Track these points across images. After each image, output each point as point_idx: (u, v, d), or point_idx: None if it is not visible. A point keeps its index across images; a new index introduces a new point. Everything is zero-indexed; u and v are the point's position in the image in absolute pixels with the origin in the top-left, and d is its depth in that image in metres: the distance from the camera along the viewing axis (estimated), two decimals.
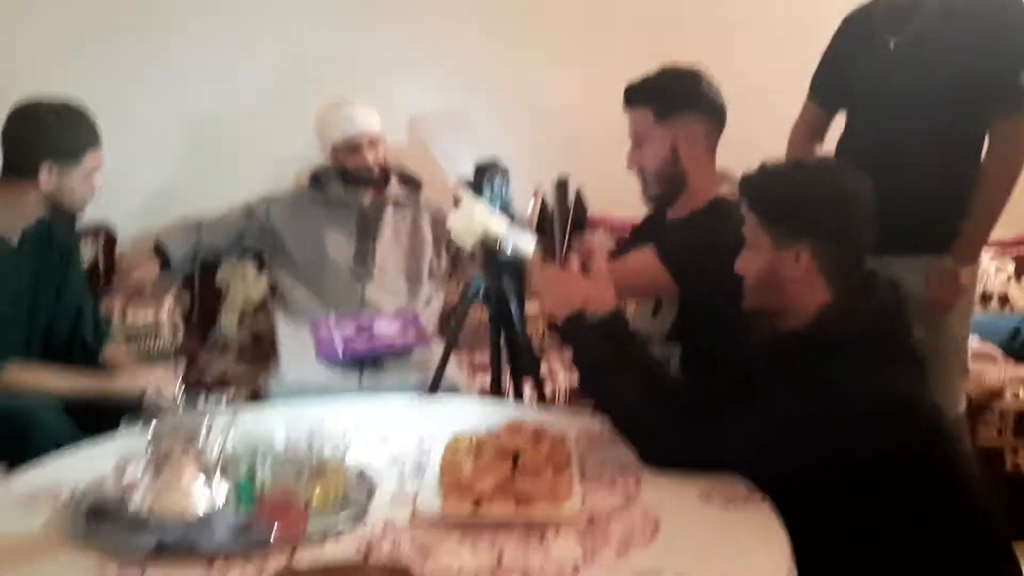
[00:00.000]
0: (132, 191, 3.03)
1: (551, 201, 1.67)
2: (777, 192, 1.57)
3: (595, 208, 2.13)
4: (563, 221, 1.65)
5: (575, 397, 2.53)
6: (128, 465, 1.43)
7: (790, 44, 3.02)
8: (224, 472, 1.44)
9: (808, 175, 1.58)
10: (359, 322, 2.71)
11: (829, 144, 2.39)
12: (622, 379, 1.61)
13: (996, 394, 2.69)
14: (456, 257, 3.05)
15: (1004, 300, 3.22)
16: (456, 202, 1.95)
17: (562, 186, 1.67)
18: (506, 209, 2.14)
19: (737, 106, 2.01)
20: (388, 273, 2.88)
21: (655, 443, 1.54)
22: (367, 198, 2.96)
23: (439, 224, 2.94)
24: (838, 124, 2.36)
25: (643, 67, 2.99)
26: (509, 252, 1.91)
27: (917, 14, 2.08)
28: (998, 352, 2.90)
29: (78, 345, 2.29)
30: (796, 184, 1.56)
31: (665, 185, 1.97)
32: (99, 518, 1.37)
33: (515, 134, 3.24)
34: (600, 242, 1.72)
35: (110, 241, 3.03)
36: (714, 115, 1.95)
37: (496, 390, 2.30)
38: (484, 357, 2.42)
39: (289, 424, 1.56)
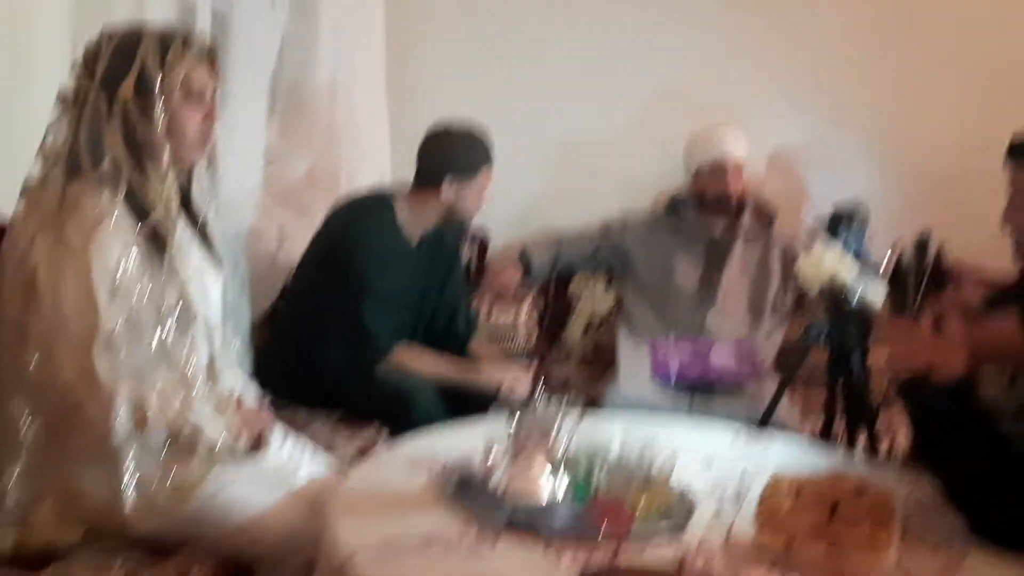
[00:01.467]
0: (505, 203, 3.37)
1: (908, 255, 1.66)
2: None
3: (965, 257, 2.05)
4: (918, 278, 1.64)
5: (909, 458, 2.43)
6: (493, 447, 1.67)
7: None
8: (567, 468, 1.63)
9: None
10: (696, 347, 2.82)
11: None
12: (962, 447, 1.56)
13: None
14: (802, 294, 3.04)
15: None
16: (809, 245, 1.98)
17: (922, 243, 1.66)
18: (860, 256, 2.14)
19: None
20: (731, 303, 2.96)
21: (991, 516, 1.49)
22: (719, 228, 3.05)
23: (788, 259, 2.95)
24: None
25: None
26: (855, 302, 1.91)
27: None
28: None
29: (452, 335, 2.66)
30: None
31: None
32: (465, 488, 1.62)
33: (882, 172, 3.17)
34: (957, 305, 1.66)
35: (484, 246, 3.41)
36: None
37: (826, 436, 2.30)
38: (819, 399, 2.43)
39: (624, 435, 1.73)
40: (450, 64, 3.42)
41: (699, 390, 2.73)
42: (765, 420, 2.39)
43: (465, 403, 2.42)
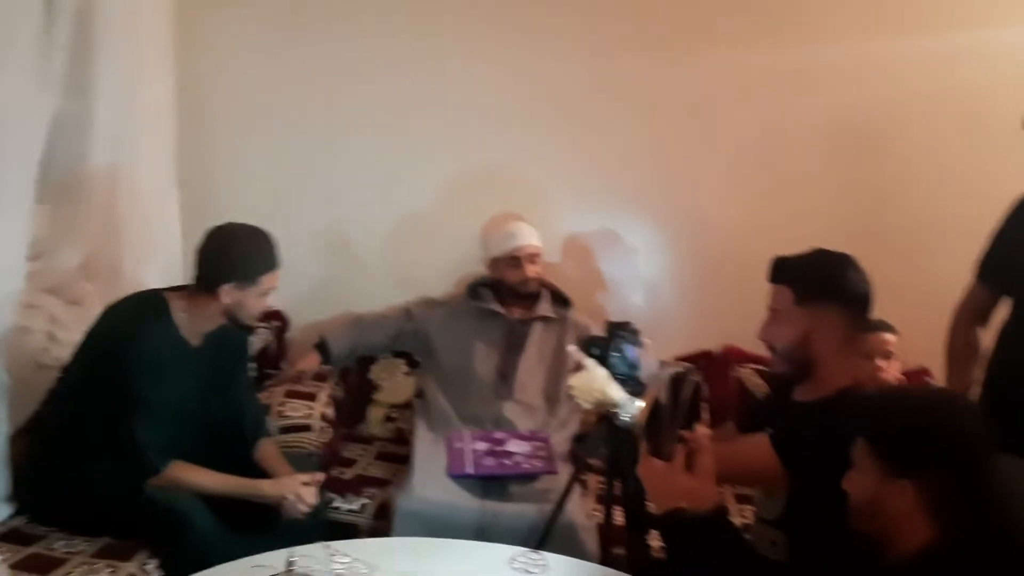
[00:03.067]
0: (305, 285, 3.31)
1: (664, 394, 1.71)
2: (889, 425, 1.53)
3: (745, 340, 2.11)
4: (672, 415, 1.69)
5: None
6: None
7: None
8: None
9: (924, 411, 1.53)
10: (493, 438, 2.83)
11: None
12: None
13: None
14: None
15: None
16: (578, 367, 2.02)
17: (678, 380, 1.71)
18: (633, 371, 2.20)
19: None
20: (528, 391, 2.98)
21: None
22: (518, 313, 3.08)
23: None
24: None
25: (801, 187, 2.99)
26: (623, 421, 1.95)
27: None
28: None
29: (238, 438, 2.54)
30: (910, 419, 1.52)
31: (793, 366, 1.95)
32: None
33: (670, 256, 3.30)
34: (707, 439, 1.72)
35: (283, 326, 3.32)
36: (856, 306, 1.91)
37: (607, 537, 2.34)
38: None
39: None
40: (246, 150, 3.35)
41: (495, 485, 2.72)
42: (554, 517, 2.42)
43: (248, 516, 2.32)
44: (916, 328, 2.84)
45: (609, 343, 2.15)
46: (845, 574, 1.61)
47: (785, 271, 1.96)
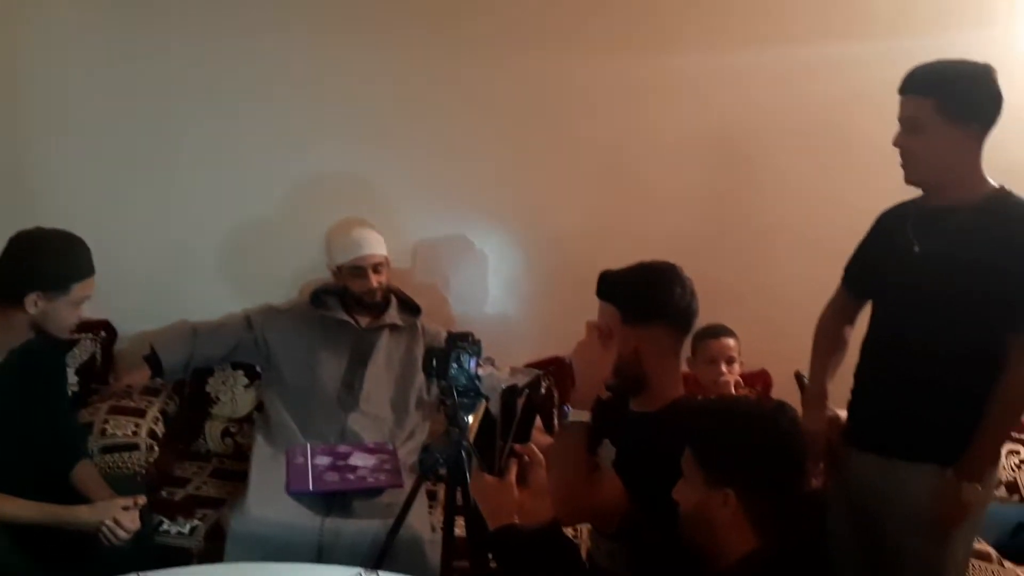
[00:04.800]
0: (134, 293, 3.11)
1: (495, 407, 1.66)
2: (713, 434, 1.55)
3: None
4: (504, 429, 1.64)
5: None
6: None
7: None
8: None
9: (744, 421, 1.55)
10: (336, 452, 2.71)
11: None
12: None
13: None
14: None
15: (1013, 488, 3.08)
16: None
17: (510, 393, 1.66)
18: (473, 383, 2.15)
19: None
20: (375, 402, 2.88)
21: None
22: (365, 321, 2.98)
23: None
24: None
25: (654, 198, 2.98)
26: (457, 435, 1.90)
27: (945, 224, 2.03)
28: (992, 551, 2.76)
29: (53, 461, 2.33)
30: (731, 429, 1.54)
31: (625, 381, 1.95)
32: None
33: (520, 263, 3.28)
34: (540, 454, 1.69)
35: (110, 337, 3.10)
36: (680, 322, 1.94)
37: (449, 550, 2.28)
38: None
39: None
40: (65, 149, 3.14)
41: (337, 501, 2.61)
42: (395, 530, 2.33)
43: (64, 543, 2.13)
44: (757, 331, 2.92)
45: (449, 355, 2.09)
46: None
47: (611, 290, 1.96)
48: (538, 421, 1.84)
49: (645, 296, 1.92)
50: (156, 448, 2.77)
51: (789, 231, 3.17)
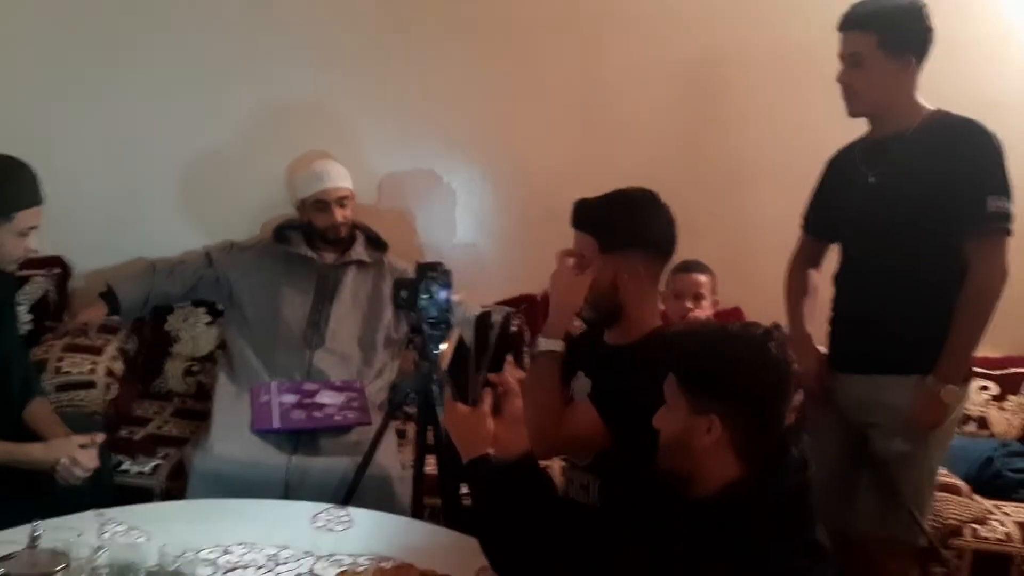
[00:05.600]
0: (89, 229, 2.99)
1: (470, 336, 1.59)
2: (699, 358, 1.49)
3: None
4: (480, 358, 1.58)
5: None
6: None
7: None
8: None
9: (732, 345, 1.49)
10: (302, 390, 2.64)
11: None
12: (519, 530, 1.52)
13: (954, 532, 2.58)
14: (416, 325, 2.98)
15: (983, 423, 3.11)
16: None
17: (483, 320, 1.60)
18: (444, 313, 2.08)
19: None
20: (341, 339, 2.80)
21: None
22: (330, 257, 2.89)
23: None
24: None
25: (625, 132, 2.90)
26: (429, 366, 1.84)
27: (893, 151, 2.16)
28: (962, 484, 2.78)
29: (4, 399, 2.24)
30: (718, 353, 1.48)
31: (602, 313, 1.90)
32: None
33: (490, 199, 3.19)
34: (515, 383, 1.63)
35: (64, 274, 2.98)
36: (658, 249, 1.88)
37: (420, 487, 2.24)
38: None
39: (164, 547, 1.49)
40: (9, 78, 2.97)
41: (303, 436, 2.55)
42: (364, 467, 2.28)
43: (18, 482, 2.04)
44: (732, 269, 2.88)
45: (418, 285, 2.02)
46: (654, 513, 1.56)
47: (587, 218, 1.89)
48: (510, 358, 1.78)
49: (623, 223, 1.85)
50: (114, 387, 2.68)
51: (766, 165, 3.12)
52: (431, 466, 2.29)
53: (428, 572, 1.58)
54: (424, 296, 2.04)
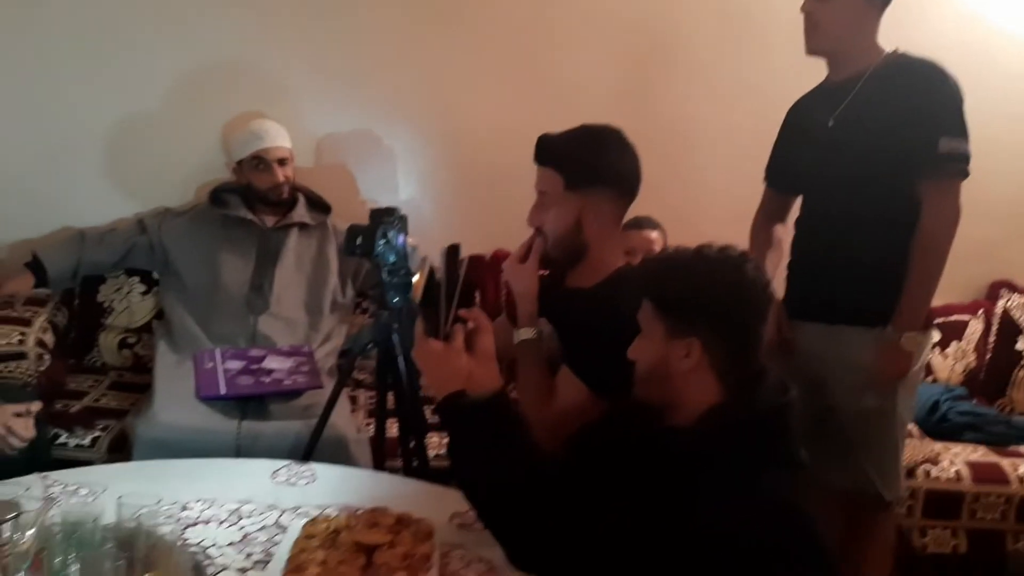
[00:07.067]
0: (8, 196, 2.82)
1: (438, 269, 1.52)
2: (675, 281, 1.46)
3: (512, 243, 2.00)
4: (450, 292, 1.51)
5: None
6: None
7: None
8: (36, 568, 1.27)
9: (709, 267, 1.46)
10: (248, 356, 2.53)
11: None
12: (497, 470, 1.47)
13: (908, 472, 2.62)
14: (362, 291, 2.90)
15: (927, 369, 3.16)
16: None
17: (452, 253, 1.53)
18: (401, 259, 2.01)
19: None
20: (286, 304, 2.69)
21: (525, 545, 1.42)
22: (271, 219, 2.78)
23: None
24: None
25: (569, 91, 2.82)
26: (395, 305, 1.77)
27: (854, 93, 2.13)
28: (913, 427, 2.83)
29: None
30: (695, 275, 1.45)
31: (565, 252, 1.85)
32: None
33: (432, 159, 3.12)
34: (486, 318, 1.57)
35: None
36: (624, 187, 1.83)
37: (380, 446, 2.16)
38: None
39: (121, 499, 1.39)
40: None
41: (251, 404, 2.44)
42: (318, 432, 2.19)
43: None
44: (679, 226, 2.86)
45: (374, 231, 1.94)
46: (630, 445, 1.53)
47: (554, 155, 1.83)
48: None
49: (590, 158, 1.80)
50: (46, 357, 2.53)
51: (715, 123, 3.12)
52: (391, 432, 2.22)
53: (403, 515, 1.51)
54: (381, 242, 1.96)
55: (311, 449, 2.13)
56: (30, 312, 2.62)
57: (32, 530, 1.27)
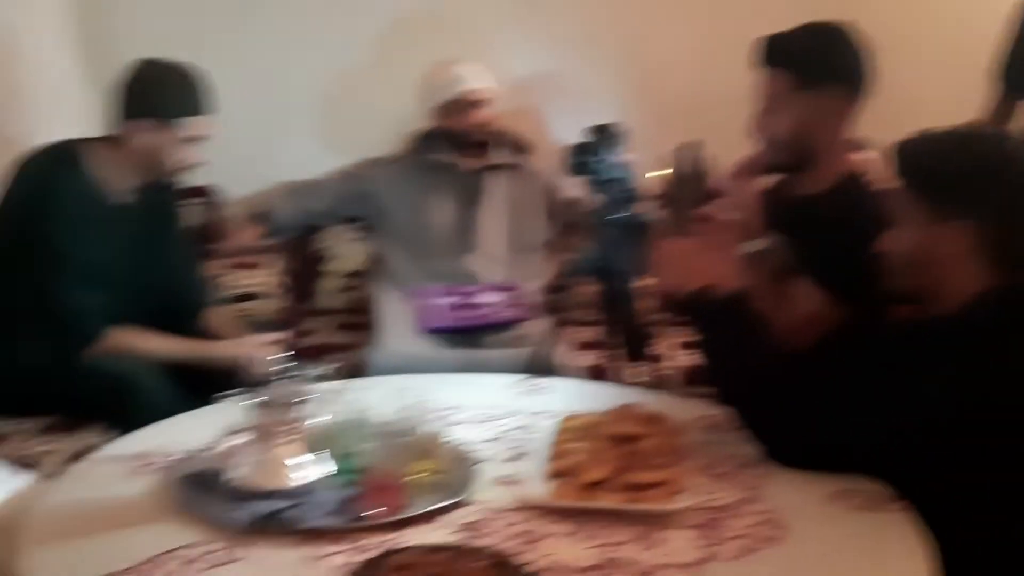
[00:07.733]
0: (236, 156, 3.01)
1: (678, 171, 1.52)
2: (941, 164, 1.40)
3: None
4: (691, 192, 1.51)
5: (692, 382, 2.38)
6: (229, 435, 1.37)
7: None
8: (324, 447, 1.37)
9: (977, 147, 1.40)
10: (462, 291, 2.63)
11: None
12: (749, 362, 1.47)
13: None
14: (567, 228, 2.93)
15: None
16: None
17: (690, 152, 1.52)
18: (620, 174, 2.02)
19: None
20: (492, 243, 2.78)
21: (783, 435, 1.41)
22: (472, 163, 2.86)
23: (548, 192, 2.83)
24: None
25: (767, 20, 2.82)
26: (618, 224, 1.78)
27: None
28: None
29: (181, 307, 2.27)
30: (964, 156, 1.40)
31: (793, 157, 1.79)
32: (198, 488, 1.32)
33: (629, 97, 3.10)
34: (728, 214, 1.56)
35: (215, 204, 3.02)
36: (859, 86, 1.76)
37: (607, 371, 2.19)
38: (592, 335, 2.32)
39: (391, 399, 1.48)
40: (156, 11, 2.99)
41: (469, 337, 2.53)
42: (541, 362, 2.24)
43: (204, 384, 2.07)
44: None
45: (598, 148, 1.94)
46: (888, 339, 1.48)
47: (785, 53, 1.77)
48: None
49: (823, 53, 1.74)
50: (281, 298, 2.71)
51: (919, 37, 2.94)
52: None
53: (653, 413, 1.53)
54: (595, 159, 1.96)
55: (537, 370, 2.18)
56: (261, 260, 2.81)
57: (326, 409, 1.37)
